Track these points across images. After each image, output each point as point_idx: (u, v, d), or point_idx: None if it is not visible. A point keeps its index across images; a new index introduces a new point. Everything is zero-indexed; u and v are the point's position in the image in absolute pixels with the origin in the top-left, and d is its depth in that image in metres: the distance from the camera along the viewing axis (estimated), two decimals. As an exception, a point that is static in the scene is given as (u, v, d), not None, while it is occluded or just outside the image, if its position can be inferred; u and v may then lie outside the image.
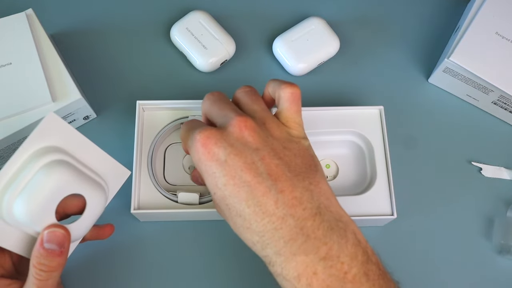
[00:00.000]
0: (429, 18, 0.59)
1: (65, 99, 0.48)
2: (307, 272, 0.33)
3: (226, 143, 0.35)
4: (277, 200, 0.34)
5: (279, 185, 0.34)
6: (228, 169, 0.35)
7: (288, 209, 0.34)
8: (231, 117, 0.36)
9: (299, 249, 0.34)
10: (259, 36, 0.57)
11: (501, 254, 0.49)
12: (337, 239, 0.34)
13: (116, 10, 0.58)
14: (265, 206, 0.34)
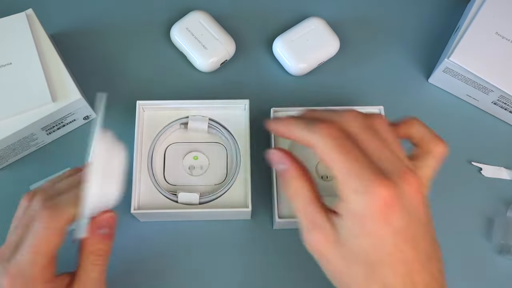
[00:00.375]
0: (429, 18, 0.59)
1: (65, 99, 0.48)
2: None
3: (405, 212, 0.33)
4: (427, 283, 0.34)
5: (430, 266, 0.34)
6: (399, 240, 0.33)
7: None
8: (402, 174, 0.33)
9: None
10: (259, 36, 0.57)
11: (501, 254, 0.49)
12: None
13: (116, 10, 0.58)
14: (415, 285, 0.33)
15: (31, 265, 0.36)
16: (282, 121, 0.37)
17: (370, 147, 0.34)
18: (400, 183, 0.33)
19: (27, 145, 0.50)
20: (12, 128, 0.46)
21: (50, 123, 0.49)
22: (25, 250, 0.36)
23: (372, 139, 0.34)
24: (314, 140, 0.34)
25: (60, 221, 0.36)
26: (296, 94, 0.55)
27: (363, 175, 0.32)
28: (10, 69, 0.48)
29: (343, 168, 0.33)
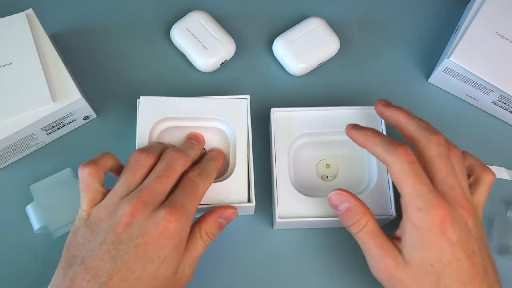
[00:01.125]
0: (429, 18, 0.59)
1: (65, 99, 0.48)
2: None
3: (459, 227, 0.38)
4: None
5: (488, 278, 0.38)
6: (456, 251, 0.37)
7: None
8: (460, 196, 0.39)
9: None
10: (259, 36, 0.57)
11: (501, 254, 0.49)
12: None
13: (116, 10, 0.58)
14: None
15: (192, 206, 0.40)
16: (363, 132, 0.42)
17: (441, 173, 0.39)
18: (455, 206, 0.38)
19: (27, 145, 0.50)
20: (12, 128, 0.46)
21: (50, 123, 0.49)
22: (187, 196, 0.40)
23: (444, 167, 0.40)
24: (390, 161, 0.39)
25: (210, 177, 0.43)
26: (296, 94, 0.55)
27: (426, 196, 0.38)
28: (10, 69, 0.48)
29: (411, 189, 0.38)
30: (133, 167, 0.41)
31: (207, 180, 0.42)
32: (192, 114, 0.48)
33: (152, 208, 0.38)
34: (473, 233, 0.39)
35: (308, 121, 0.49)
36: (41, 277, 0.47)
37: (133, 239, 0.37)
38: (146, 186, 0.39)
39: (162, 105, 0.48)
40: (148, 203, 0.38)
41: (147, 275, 0.37)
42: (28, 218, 0.47)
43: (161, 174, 0.40)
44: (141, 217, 0.37)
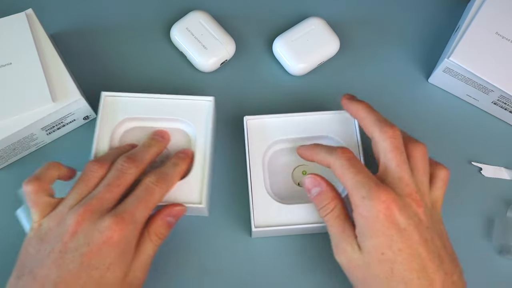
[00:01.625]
0: (429, 18, 0.59)
1: (65, 99, 0.48)
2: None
3: (407, 214, 0.38)
4: (443, 281, 0.37)
5: (444, 266, 0.38)
6: (406, 238, 0.37)
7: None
8: (411, 189, 0.39)
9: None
10: (259, 36, 0.57)
11: (501, 254, 0.49)
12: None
13: (116, 10, 0.58)
14: (434, 284, 0.37)
15: (143, 215, 0.40)
16: (308, 147, 0.45)
17: (391, 164, 0.40)
18: (403, 196, 0.38)
19: (27, 145, 0.50)
20: (12, 128, 0.46)
21: (50, 123, 0.49)
22: (137, 204, 0.40)
23: (395, 158, 0.40)
24: (331, 161, 0.41)
25: (169, 185, 0.43)
26: (296, 94, 0.55)
27: (368, 184, 0.38)
28: (10, 69, 0.48)
29: (352, 180, 0.39)
30: (86, 177, 0.41)
31: (164, 186, 0.42)
32: (155, 115, 0.48)
33: (98, 216, 0.38)
34: (424, 222, 0.38)
35: (283, 127, 0.49)
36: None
37: (78, 248, 0.37)
38: (94, 195, 0.40)
39: (124, 103, 0.48)
40: (95, 211, 0.39)
41: (93, 282, 0.37)
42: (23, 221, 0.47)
43: (110, 183, 0.40)
44: (87, 225, 0.38)
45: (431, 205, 0.41)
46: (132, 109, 0.48)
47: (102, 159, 0.43)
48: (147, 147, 0.45)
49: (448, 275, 0.38)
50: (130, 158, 0.42)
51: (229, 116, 0.53)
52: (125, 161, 0.42)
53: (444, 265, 0.38)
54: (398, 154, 0.40)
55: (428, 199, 0.41)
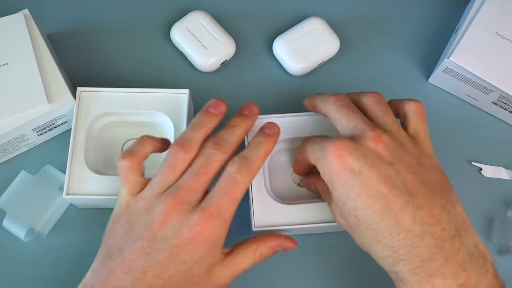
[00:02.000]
0: (429, 18, 0.59)
1: (58, 101, 0.48)
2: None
3: (360, 154, 0.35)
4: (414, 216, 0.34)
5: (416, 200, 0.34)
6: (363, 180, 0.35)
7: (427, 227, 0.34)
8: (365, 130, 0.37)
9: (437, 271, 0.33)
10: (259, 36, 0.57)
11: (501, 254, 0.49)
12: (477, 267, 0.34)
13: (115, 10, 0.58)
14: (402, 221, 0.34)
15: (229, 209, 0.39)
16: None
17: (343, 121, 0.39)
18: (357, 140, 0.36)
19: (17, 146, 0.50)
20: (2, 128, 0.46)
21: (41, 124, 0.49)
22: (223, 196, 0.38)
23: (345, 115, 0.39)
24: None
25: (254, 174, 0.40)
26: (296, 94, 0.55)
27: (320, 146, 0.38)
28: (6, 69, 0.48)
29: (308, 150, 0.41)
30: (172, 163, 0.40)
31: (249, 174, 0.39)
32: (131, 109, 0.48)
33: (187, 209, 0.38)
34: (385, 158, 0.35)
35: (283, 127, 0.49)
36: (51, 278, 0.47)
37: (167, 239, 0.37)
38: (182, 184, 0.39)
39: (100, 98, 0.48)
40: (183, 202, 0.38)
41: (180, 274, 0.37)
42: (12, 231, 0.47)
43: (197, 171, 0.39)
44: (176, 217, 0.37)
45: (407, 140, 0.38)
46: (108, 104, 0.48)
47: (187, 144, 0.40)
48: (234, 127, 0.42)
49: (424, 209, 0.34)
50: (218, 143, 0.40)
51: (229, 116, 0.53)
52: (212, 148, 0.39)
53: (416, 199, 0.34)
54: (345, 109, 0.39)
55: (401, 135, 0.38)
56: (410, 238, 0.34)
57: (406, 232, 0.34)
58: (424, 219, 0.34)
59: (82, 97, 0.48)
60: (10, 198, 0.47)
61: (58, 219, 0.49)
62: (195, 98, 0.52)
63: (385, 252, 0.35)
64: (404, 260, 0.34)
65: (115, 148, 0.49)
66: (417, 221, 0.34)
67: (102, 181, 0.46)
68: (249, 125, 0.43)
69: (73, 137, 0.47)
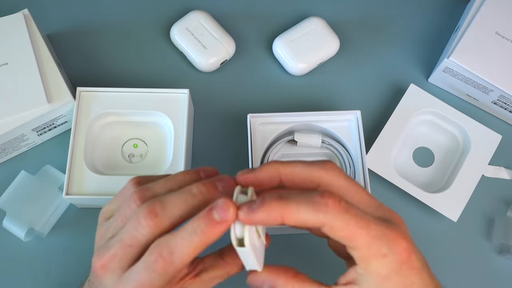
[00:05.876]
0: (429, 18, 0.59)
1: (58, 101, 0.48)
2: None
3: (416, 249, 0.33)
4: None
5: (435, 282, 0.34)
6: (424, 275, 0.33)
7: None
8: (392, 216, 0.33)
9: None
10: (259, 36, 0.57)
11: (501, 254, 0.49)
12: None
13: (115, 10, 0.58)
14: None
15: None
16: (270, 210, 0.30)
17: (361, 198, 0.33)
18: (402, 227, 0.33)
19: (17, 146, 0.50)
20: (2, 128, 0.46)
21: (41, 124, 0.49)
22: (137, 286, 0.33)
23: (360, 189, 0.34)
24: (328, 220, 0.31)
25: (177, 269, 0.32)
26: (296, 94, 0.55)
27: (386, 237, 0.32)
28: (6, 69, 0.48)
29: (367, 237, 0.31)
30: (122, 213, 0.34)
31: (168, 269, 0.31)
32: (131, 109, 0.48)
33: (113, 276, 0.33)
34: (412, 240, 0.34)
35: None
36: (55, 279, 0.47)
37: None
38: (110, 247, 0.33)
39: (100, 98, 0.48)
40: (108, 268, 0.33)
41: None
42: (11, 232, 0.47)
43: (123, 239, 0.33)
44: (104, 281, 0.34)
45: None
46: (108, 104, 0.48)
47: (144, 194, 0.34)
48: (187, 196, 0.33)
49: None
50: (153, 211, 0.32)
51: (229, 116, 0.53)
52: (143, 216, 0.32)
53: (434, 278, 0.34)
54: (357, 183, 0.34)
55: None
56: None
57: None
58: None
59: (82, 97, 0.48)
60: (10, 198, 0.47)
61: (58, 219, 0.49)
62: (195, 98, 0.52)
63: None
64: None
65: (115, 148, 0.49)
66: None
67: (102, 181, 0.46)
68: (207, 201, 0.32)
69: (73, 137, 0.47)
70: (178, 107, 0.48)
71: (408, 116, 0.51)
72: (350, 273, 0.33)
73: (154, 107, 0.48)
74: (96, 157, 0.48)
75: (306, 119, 0.49)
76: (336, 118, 0.49)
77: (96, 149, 0.48)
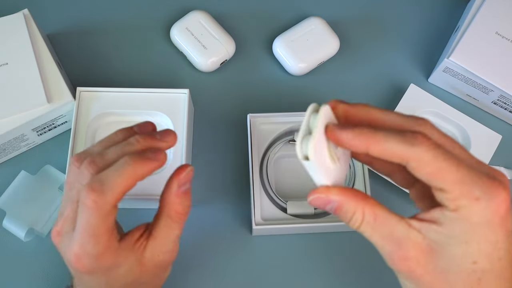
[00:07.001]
0: (429, 18, 0.59)
1: (58, 101, 0.48)
2: None
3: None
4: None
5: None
6: (510, 242, 0.30)
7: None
8: (504, 177, 0.31)
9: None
10: (259, 36, 0.57)
11: (501, 254, 0.49)
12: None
13: (115, 10, 0.58)
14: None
15: (93, 245, 0.33)
16: (358, 133, 0.30)
17: (462, 155, 0.31)
18: (503, 180, 0.30)
19: (17, 146, 0.50)
20: (2, 128, 0.46)
21: (41, 124, 0.49)
22: (83, 234, 0.33)
23: (458, 147, 0.32)
24: (416, 154, 0.29)
25: (110, 202, 0.32)
26: (296, 94, 0.55)
27: (481, 181, 0.29)
28: (6, 69, 0.48)
29: (456, 176, 0.29)
30: (68, 180, 0.35)
31: (100, 201, 0.32)
32: (131, 109, 0.48)
33: (65, 240, 0.35)
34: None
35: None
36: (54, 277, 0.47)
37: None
38: (62, 213, 0.35)
39: (100, 98, 0.48)
40: (61, 233, 0.35)
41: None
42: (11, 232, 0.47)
43: (70, 197, 0.35)
44: (60, 249, 0.36)
45: None
46: (108, 104, 0.48)
47: (80, 155, 0.35)
48: (125, 145, 0.35)
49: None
50: (92, 162, 0.33)
51: (229, 116, 0.53)
52: (85, 167, 0.33)
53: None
54: (446, 152, 0.30)
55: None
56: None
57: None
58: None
59: (82, 97, 0.48)
60: (10, 198, 0.47)
61: (58, 219, 0.49)
62: (195, 98, 0.52)
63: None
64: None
65: None
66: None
67: None
68: (147, 172, 0.33)
69: (73, 137, 0.47)
70: (178, 107, 0.48)
71: (408, 116, 0.51)
72: (435, 211, 0.31)
73: (154, 107, 0.48)
74: None
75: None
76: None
77: None
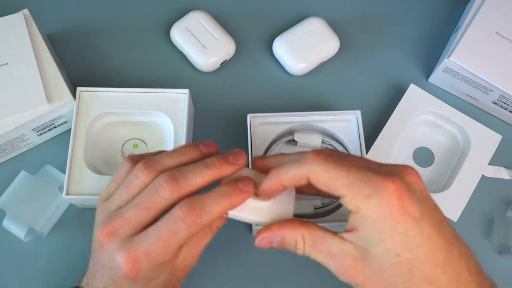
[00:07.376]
0: (429, 18, 0.59)
1: (58, 101, 0.48)
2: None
3: (418, 198, 0.32)
4: (469, 267, 0.32)
5: (462, 248, 0.33)
6: (425, 227, 0.31)
7: (478, 277, 0.33)
8: (404, 169, 0.33)
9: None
10: (259, 36, 0.57)
11: (501, 254, 0.49)
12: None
13: (115, 10, 0.58)
14: (461, 273, 0.32)
15: (162, 255, 0.34)
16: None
17: (355, 161, 0.34)
18: (403, 177, 0.32)
19: (17, 146, 0.50)
20: (2, 128, 0.46)
21: (41, 124, 0.49)
22: (158, 242, 0.34)
23: (349, 155, 0.35)
24: (309, 171, 0.33)
25: (203, 225, 0.34)
26: (296, 94, 0.55)
27: (369, 180, 0.32)
28: (6, 69, 0.48)
29: (347, 181, 0.32)
30: (130, 182, 0.36)
31: (194, 225, 0.34)
32: (131, 109, 0.48)
33: (120, 240, 0.35)
34: (430, 202, 0.33)
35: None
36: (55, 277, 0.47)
37: (105, 266, 0.36)
38: (122, 213, 0.35)
39: (101, 98, 0.48)
40: (116, 234, 0.35)
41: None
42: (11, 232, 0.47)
43: (140, 204, 0.35)
44: (108, 248, 0.35)
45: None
46: (108, 104, 0.48)
47: (151, 164, 0.36)
48: (205, 167, 0.36)
49: (469, 258, 0.33)
50: (174, 178, 0.35)
51: (229, 116, 0.53)
52: (164, 181, 0.34)
53: (462, 246, 0.33)
54: (336, 159, 0.34)
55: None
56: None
57: (465, 284, 0.32)
58: (473, 268, 0.33)
59: (82, 97, 0.48)
60: (10, 198, 0.47)
61: (58, 219, 0.49)
62: (195, 98, 0.52)
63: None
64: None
65: (115, 148, 0.49)
66: (471, 271, 0.32)
67: (102, 181, 0.46)
68: (225, 173, 0.36)
69: (73, 137, 0.47)
70: (178, 107, 0.48)
71: (408, 116, 0.51)
72: (349, 221, 0.34)
73: (154, 107, 0.48)
74: (96, 157, 0.48)
75: (306, 119, 0.49)
76: (336, 118, 0.49)
77: (96, 149, 0.48)
